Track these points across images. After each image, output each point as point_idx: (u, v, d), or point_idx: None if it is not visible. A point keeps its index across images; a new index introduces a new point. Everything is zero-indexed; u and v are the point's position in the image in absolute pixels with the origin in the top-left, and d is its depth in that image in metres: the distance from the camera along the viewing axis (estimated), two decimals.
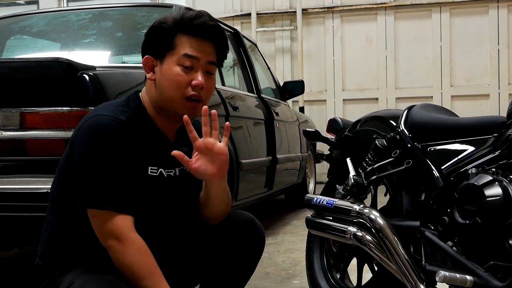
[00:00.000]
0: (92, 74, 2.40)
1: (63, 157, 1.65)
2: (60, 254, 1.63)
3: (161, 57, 1.63)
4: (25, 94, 2.43)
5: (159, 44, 1.63)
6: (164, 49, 1.62)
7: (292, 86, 5.39)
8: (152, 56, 1.64)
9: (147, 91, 1.68)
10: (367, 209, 2.01)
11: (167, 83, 1.61)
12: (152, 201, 1.66)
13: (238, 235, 1.80)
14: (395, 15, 7.76)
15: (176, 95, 1.62)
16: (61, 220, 1.63)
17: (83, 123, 1.59)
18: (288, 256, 3.62)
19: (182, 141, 1.74)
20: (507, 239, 1.61)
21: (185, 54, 1.61)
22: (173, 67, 1.61)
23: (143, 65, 1.66)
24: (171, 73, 1.61)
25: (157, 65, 1.64)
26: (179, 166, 1.72)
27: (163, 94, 1.63)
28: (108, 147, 1.53)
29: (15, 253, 3.63)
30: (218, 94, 3.53)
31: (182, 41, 1.62)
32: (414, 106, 2.26)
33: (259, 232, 1.84)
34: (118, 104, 1.65)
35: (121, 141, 1.55)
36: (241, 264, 1.82)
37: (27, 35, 3.63)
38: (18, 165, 2.43)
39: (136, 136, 1.60)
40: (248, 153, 3.91)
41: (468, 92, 7.54)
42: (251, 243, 1.82)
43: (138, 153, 1.60)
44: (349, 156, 2.30)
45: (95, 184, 1.53)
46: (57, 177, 1.66)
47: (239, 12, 8.24)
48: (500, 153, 1.80)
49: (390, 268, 1.96)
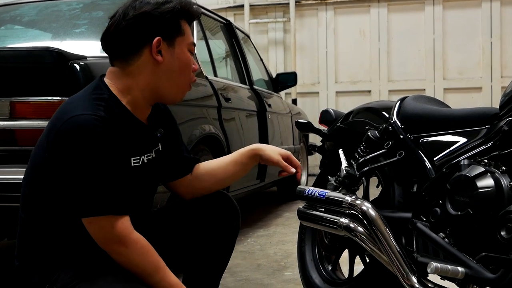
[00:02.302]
0: (82, 64, 2.38)
1: (37, 154, 1.55)
2: (44, 252, 1.57)
3: (171, 40, 1.60)
4: (15, 84, 2.41)
5: (171, 28, 1.60)
6: (175, 33, 1.61)
7: (285, 78, 5.38)
8: (162, 38, 1.58)
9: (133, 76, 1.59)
10: (359, 201, 2.00)
11: (180, 67, 1.62)
12: (134, 190, 1.64)
13: (212, 209, 1.81)
14: (388, 7, 7.76)
15: (186, 79, 1.65)
16: (36, 218, 1.56)
17: (60, 125, 1.47)
18: (279, 248, 3.61)
19: (155, 123, 1.72)
20: (499, 231, 1.61)
21: (192, 42, 1.66)
22: (186, 52, 1.64)
23: (154, 46, 1.57)
24: (185, 57, 1.63)
25: (165, 48, 1.59)
26: (155, 147, 1.72)
27: (171, 77, 1.61)
28: (95, 150, 1.45)
29: (6, 244, 3.62)
30: (210, 85, 3.51)
31: (186, 27, 1.64)
32: (407, 97, 2.25)
33: (232, 204, 1.85)
34: (89, 97, 1.54)
35: (106, 140, 1.47)
36: (219, 241, 1.82)
37: (18, 25, 3.60)
38: (8, 155, 2.41)
39: (117, 130, 1.52)
40: (241, 144, 3.89)
41: (460, 85, 7.55)
42: (226, 216, 1.82)
43: (121, 147, 1.53)
44: (341, 148, 2.30)
45: (88, 192, 1.45)
46: (30, 174, 1.57)
47: (232, 4, 8.21)
48: (492, 144, 1.80)
49: (381, 259, 1.95)
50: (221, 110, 3.56)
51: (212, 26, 4.30)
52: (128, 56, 1.59)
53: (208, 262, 1.82)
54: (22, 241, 1.61)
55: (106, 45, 1.61)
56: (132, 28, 1.57)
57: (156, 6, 1.58)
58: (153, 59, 1.58)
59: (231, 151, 3.60)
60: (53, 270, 1.55)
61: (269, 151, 1.82)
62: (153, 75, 1.59)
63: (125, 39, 1.58)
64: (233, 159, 1.86)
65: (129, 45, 1.58)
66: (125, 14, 1.58)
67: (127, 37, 1.57)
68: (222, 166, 1.86)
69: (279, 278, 2.92)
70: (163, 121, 1.78)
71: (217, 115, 3.51)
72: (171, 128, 1.82)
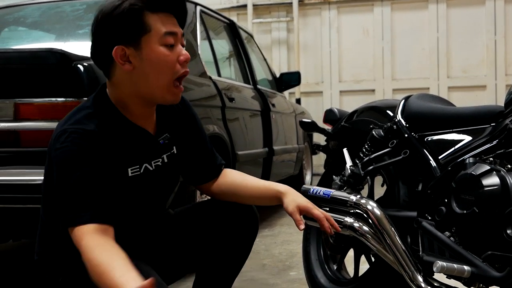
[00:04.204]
0: (86, 65, 2.38)
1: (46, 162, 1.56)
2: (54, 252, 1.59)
3: (135, 42, 1.46)
4: (19, 85, 2.41)
5: (130, 29, 1.46)
6: (137, 33, 1.46)
7: (289, 78, 5.38)
8: (123, 44, 1.46)
9: (117, 86, 1.53)
10: (364, 200, 1.99)
11: (154, 68, 1.48)
12: (137, 196, 1.62)
13: (232, 214, 1.78)
14: (391, 6, 7.74)
15: (167, 77, 1.50)
16: (49, 218, 1.58)
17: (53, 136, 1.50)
18: (284, 247, 3.61)
19: (164, 128, 1.67)
20: (505, 229, 1.60)
21: (166, 32, 1.48)
22: (158, 49, 1.48)
23: (115, 57, 1.46)
24: (158, 55, 1.48)
25: (132, 53, 1.47)
26: (166, 152, 1.67)
27: (149, 80, 1.49)
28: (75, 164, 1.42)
29: (11, 246, 3.63)
30: (214, 85, 3.51)
31: (155, 20, 1.48)
32: (411, 96, 2.25)
33: (252, 211, 1.82)
34: (85, 111, 1.51)
35: (89, 154, 1.43)
36: (236, 246, 1.79)
37: (21, 26, 3.60)
38: (12, 156, 2.41)
39: (110, 141, 1.49)
40: (245, 144, 3.89)
41: (464, 83, 7.54)
42: (245, 222, 1.80)
43: (114, 158, 1.50)
44: (346, 147, 2.29)
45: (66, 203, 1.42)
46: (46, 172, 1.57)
47: (235, 4, 8.21)
48: (497, 142, 1.79)
49: (387, 259, 1.95)
50: (225, 110, 3.55)
51: (215, 26, 4.30)
52: (107, 69, 1.53)
53: (223, 265, 1.81)
54: (41, 239, 1.63)
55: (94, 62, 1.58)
56: (97, 39, 1.51)
57: (112, 9, 1.46)
58: (123, 69, 1.48)
59: (236, 151, 3.60)
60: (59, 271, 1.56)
61: (288, 200, 1.70)
62: (131, 84, 1.51)
63: (96, 53, 1.53)
64: (259, 190, 1.78)
65: (101, 58, 1.52)
66: (92, 27, 1.52)
67: (97, 51, 1.52)
68: (245, 190, 1.78)
69: (284, 278, 2.91)
70: (176, 123, 1.72)
71: (221, 115, 3.51)
72: (189, 129, 1.76)
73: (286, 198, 1.71)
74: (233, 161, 3.55)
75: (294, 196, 1.71)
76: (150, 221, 1.71)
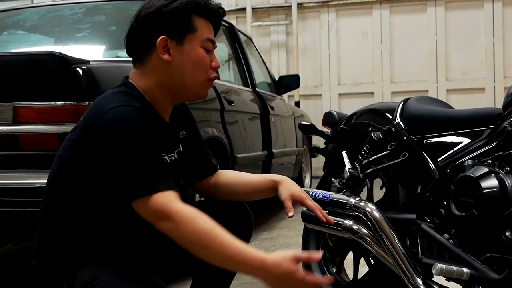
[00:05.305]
0: (85, 68, 2.38)
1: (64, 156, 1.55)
2: (64, 252, 1.55)
3: (180, 38, 1.58)
4: (18, 88, 2.41)
5: (179, 25, 1.58)
6: (184, 31, 1.59)
7: (288, 80, 5.38)
8: (168, 36, 1.57)
9: (148, 75, 1.60)
10: (363, 202, 2.00)
11: (192, 65, 1.60)
12: None
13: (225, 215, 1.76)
14: (390, 9, 7.75)
15: (201, 76, 1.63)
16: (60, 216, 1.56)
17: (99, 119, 1.47)
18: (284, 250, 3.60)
19: (177, 124, 1.74)
20: (504, 231, 1.61)
21: (208, 38, 1.63)
22: (198, 49, 1.61)
23: (158, 45, 1.57)
24: (197, 55, 1.61)
25: (173, 46, 1.58)
26: (178, 148, 1.73)
27: (184, 76, 1.60)
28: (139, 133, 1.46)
29: (10, 249, 3.62)
30: (213, 88, 3.51)
31: (201, 24, 1.61)
32: (410, 98, 2.25)
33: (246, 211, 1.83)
34: (121, 93, 1.57)
35: (147, 126, 1.49)
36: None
37: (20, 30, 3.60)
38: (11, 159, 2.41)
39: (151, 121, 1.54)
40: (244, 147, 3.89)
41: (463, 86, 7.54)
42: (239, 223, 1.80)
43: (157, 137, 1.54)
44: (345, 149, 2.29)
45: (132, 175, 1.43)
46: (56, 172, 1.58)
47: (234, 7, 8.22)
48: (496, 145, 1.80)
49: (386, 261, 1.95)
50: (224, 113, 3.56)
51: None
52: (142, 56, 1.61)
53: (218, 268, 1.81)
54: (41, 240, 1.60)
55: (126, 47, 1.64)
56: (142, 28, 1.59)
57: (165, 4, 1.57)
58: (162, 58, 1.58)
59: (235, 154, 3.60)
60: (71, 271, 1.53)
61: (282, 188, 1.75)
62: (166, 74, 1.60)
63: (136, 39, 1.60)
64: (254, 183, 1.82)
65: (140, 45, 1.60)
66: (137, 15, 1.60)
67: (138, 38, 1.60)
68: (241, 184, 1.83)
69: None
70: (184, 122, 1.80)
71: (220, 118, 3.51)
72: (192, 130, 1.83)
73: (281, 186, 1.76)
74: (232, 164, 3.54)
75: (289, 185, 1.77)
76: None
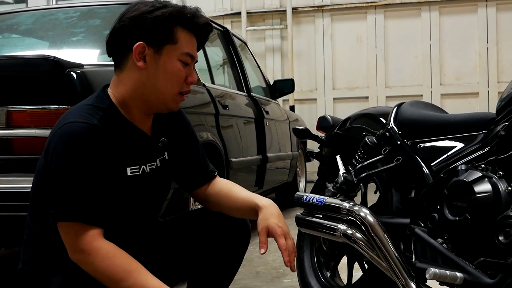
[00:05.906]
0: (79, 72, 2.38)
1: (40, 162, 1.56)
2: (43, 258, 1.58)
3: (158, 47, 1.54)
4: (11, 92, 2.41)
5: (159, 34, 1.54)
6: (163, 40, 1.54)
7: (282, 85, 5.38)
8: (146, 43, 1.53)
9: (123, 83, 1.58)
10: (357, 207, 2.00)
11: (165, 76, 1.56)
12: (133, 198, 1.63)
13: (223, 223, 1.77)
14: (385, 14, 7.78)
15: (173, 89, 1.58)
16: (39, 225, 1.57)
17: (55, 131, 1.50)
18: (278, 255, 3.57)
19: (159, 132, 1.70)
20: (497, 235, 1.61)
21: (187, 52, 1.58)
22: (175, 62, 1.56)
23: (134, 50, 1.53)
24: (173, 67, 1.56)
25: (150, 54, 1.54)
26: (160, 156, 1.69)
27: (156, 85, 1.56)
28: (79, 156, 1.45)
29: (2, 254, 3.61)
30: (207, 93, 3.51)
31: (184, 36, 1.57)
32: (404, 103, 2.26)
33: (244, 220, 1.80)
34: (88, 106, 1.55)
35: (93, 148, 1.46)
36: (227, 255, 1.77)
37: (15, 33, 3.60)
38: (5, 164, 2.40)
39: (112, 139, 1.52)
40: (238, 151, 3.89)
41: (457, 91, 7.57)
42: (237, 232, 1.78)
43: (114, 156, 1.53)
44: (339, 154, 2.29)
45: (63, 196, 1.44)
46: (35, 181, 1.59)
47: (229, 11, 8.23)
48: (489, 149, 1.80)
49: (380, 266, 1.95)
50: (218, 117, 3.56)
51: None
52: (120, 61, 1.58)
53: (214, 275, 1.79)
54: (25, 245, 1.62)
55: (106, 48, 1.61)
56: (122, 30, 1.55)
57: (150, 10, 1.54)
58: (136, 65, 1.54)
59: (229, 158, 3.60)
60: (49, 276, 1.55)
61: (261, 217, 1.66)
62: (138, 81, 1.56)
63: (116, 42, 1.57)
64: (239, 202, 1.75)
65: (118, 48, 1.57)
66: (121, 16, 1.57)
67: (118, 40, 1.56)
68: (229, 200, 1.76)
69: (278, 285, 2.91)
70: (170, 129, 1.74)
71: (214, 122, 3.51)
72: (183, 136, 1.78)
73: (260, 214, 1.67)
74: (226, 169, 3.54)
75: (268, 215, 1.66)
76: (142, 228, 1.70)
